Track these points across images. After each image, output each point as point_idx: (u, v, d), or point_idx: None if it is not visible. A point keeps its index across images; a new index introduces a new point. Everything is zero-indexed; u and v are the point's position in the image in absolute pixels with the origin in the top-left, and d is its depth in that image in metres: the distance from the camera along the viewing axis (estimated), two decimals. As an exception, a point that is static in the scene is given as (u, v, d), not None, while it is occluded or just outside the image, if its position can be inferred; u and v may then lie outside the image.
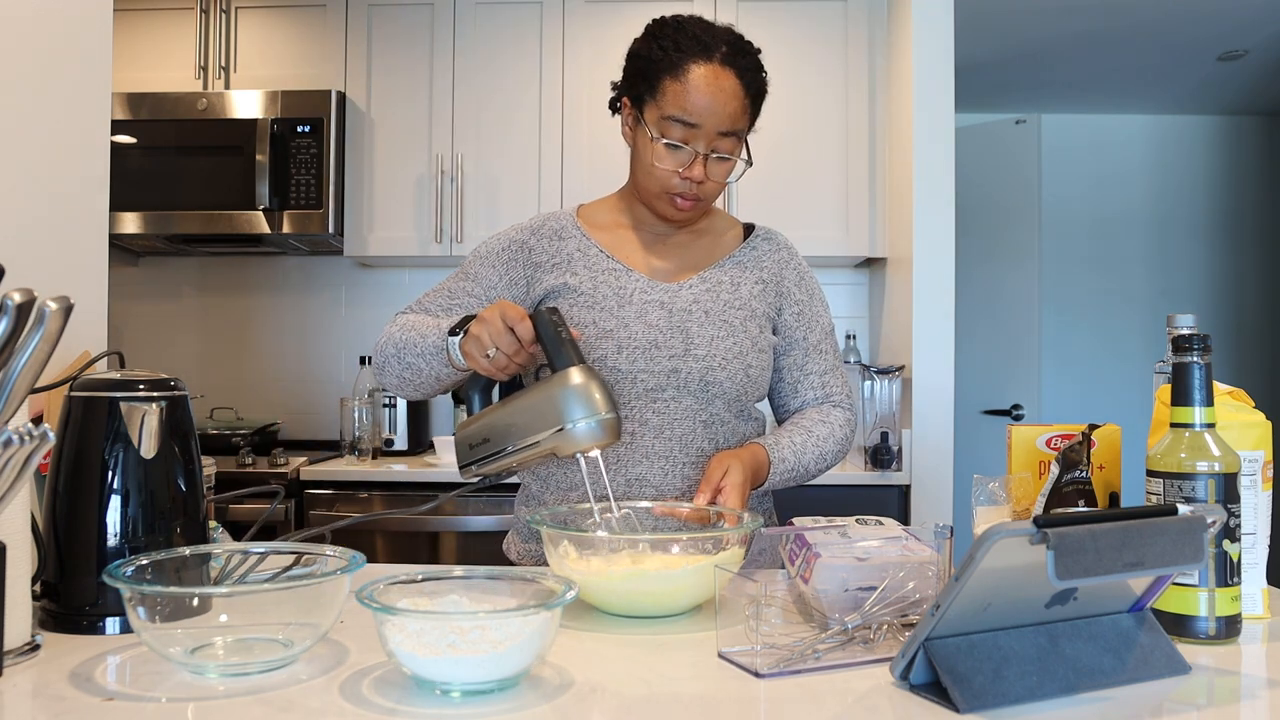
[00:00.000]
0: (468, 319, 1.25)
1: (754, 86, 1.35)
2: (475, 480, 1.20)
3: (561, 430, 1.11)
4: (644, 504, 1.26)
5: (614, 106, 1.44)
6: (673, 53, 1.31)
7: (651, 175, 1.36)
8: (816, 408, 1.47)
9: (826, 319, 1.51)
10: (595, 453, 1.16)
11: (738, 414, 1.42)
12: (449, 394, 3.29)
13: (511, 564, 1.45)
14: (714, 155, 1.34)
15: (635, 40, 1.38)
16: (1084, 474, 1.13)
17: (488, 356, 1.18)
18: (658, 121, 1.33)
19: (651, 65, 1.33)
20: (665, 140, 1.32)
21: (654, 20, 1.37)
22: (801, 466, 1.39)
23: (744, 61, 1.33)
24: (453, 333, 1.26)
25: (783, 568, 1.02)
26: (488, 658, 0.79)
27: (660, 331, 1.36)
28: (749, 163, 1.40)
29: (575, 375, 1.13)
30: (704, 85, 1.30)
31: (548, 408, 1.12)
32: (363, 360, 3.23)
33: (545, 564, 1.39)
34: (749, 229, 1.52)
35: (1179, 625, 0.94)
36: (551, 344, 1.15)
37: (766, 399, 1.50)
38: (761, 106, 1.40)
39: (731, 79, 1.31)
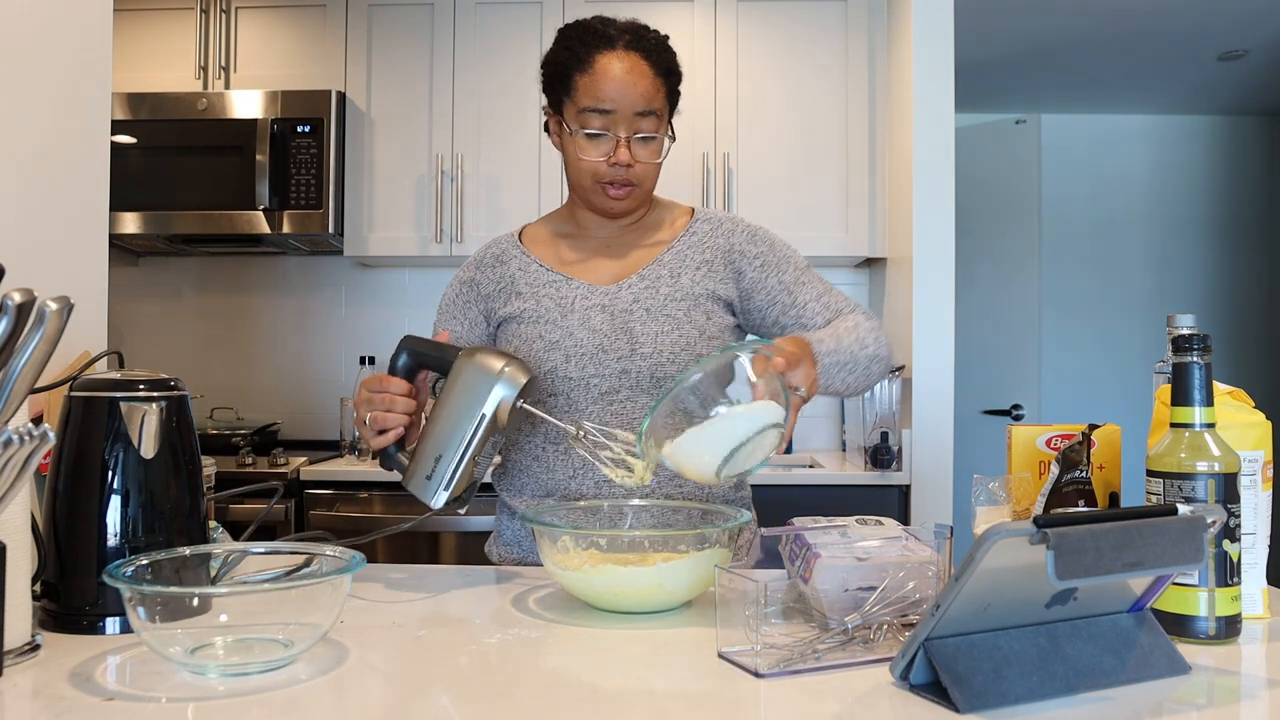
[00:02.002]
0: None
1: (662, 64, 1.38)
2: (458, 506, 1.20)
3: (487, 402, 1.15)
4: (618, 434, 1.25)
5: (547, 128, 1.48)
6: (578, 49, 1.37)
7: (581, 170, 1.39)
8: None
9: (798, 257, 1.47)
10: (521, 404, 1.18)
11: None
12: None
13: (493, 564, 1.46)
14: (636, 137, 1.37)
15: (546, 52, 1.42)
16: (1084, 474, 1.13)
17: (365, 424, 1.22)
18: (576, 116, 1.37)
19: (561, 67, 1.38)
20: (586, 131, 1.36)
21: (560, 29, 1.42)
22: (843, 346, 1.33)
23: (647, 44, 1.38)
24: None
25: (782, 567, 1.02)
26: None
27: (605, 335, 1.38)
28: (672, 138, 1.42)
29: (463, 359, 1.17)
30: (611, 71, 1.35)
31: (465, 396, 1.15)
32: (363, 360, 3.23)
33: (525, 564, 1.40)
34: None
35: (1179, 625, 0.94)
36: (432, 359, 1.20)
37: None
38: (678, 86, 1.43)
39: (637, 60, 1.36)
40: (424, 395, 1.25)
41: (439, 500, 1.15)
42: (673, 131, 1.43)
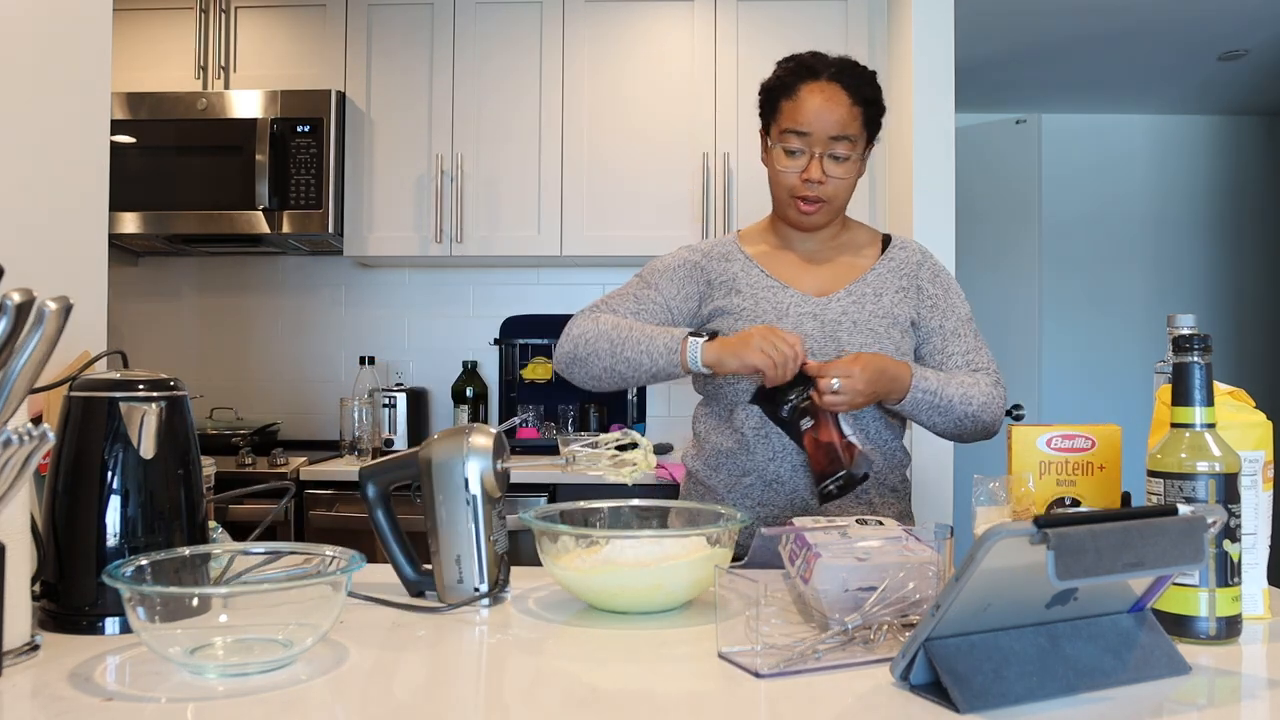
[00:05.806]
0: (703, 332, 1.49)
1: (860, 94, 1.55)
2: (502, 590, 1.16)
3: (470, 484, 1.13)
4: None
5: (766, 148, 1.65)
6: (786, 79, 1.57)
7: (778, 183, 1.58)
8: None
9: (964, 309, 1.64)
10: (501, 465, 1.15)
11: (881, 415, 1.58)
12: (452, 396, 3.29)
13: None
14: (828, 156, 1.53)
15: (765, 80, 1.61)
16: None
17: (762, 353, 1.37)
18: (778, 136, 1.56)
19: (771, 94, 1.59)
20: (784, 148, 1.55)
21: (779, 61, 1.61)
22: (945, 394, 1.50)
23: (850, 77, 1.55)
24: (695, 334, 1.46)
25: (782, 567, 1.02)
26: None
27: (814, 341, 1.54)
28: (873, 142, 1.60)
29: (424, 458, 1.15)
30: (810, 99, 1.53)
31: (447, 489, 1.13)
32: (363, 360, 3.22)
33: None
34: (887, 240, 1.67)
35: (1179, 625, 0.94)
36: (397, 473, 1.20)
37: None
38: (879, 116, 1.60)
39: (836, 90, 1.53)
40: None
41: (483, 590, 1.12)
42: (868, 154, 1.59)
